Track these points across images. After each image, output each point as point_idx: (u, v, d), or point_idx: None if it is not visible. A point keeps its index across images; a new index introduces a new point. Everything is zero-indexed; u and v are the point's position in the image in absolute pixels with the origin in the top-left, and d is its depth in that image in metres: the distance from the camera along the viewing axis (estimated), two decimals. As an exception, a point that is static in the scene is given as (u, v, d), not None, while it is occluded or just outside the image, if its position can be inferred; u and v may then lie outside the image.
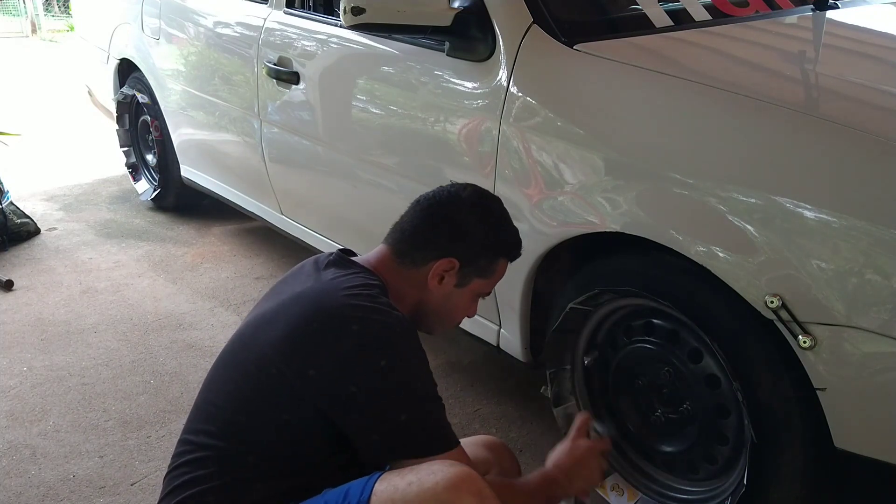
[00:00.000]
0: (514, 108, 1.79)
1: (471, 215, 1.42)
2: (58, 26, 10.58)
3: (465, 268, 1.41)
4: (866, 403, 1.34)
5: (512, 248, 1.48)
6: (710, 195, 1.46)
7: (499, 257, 1.45)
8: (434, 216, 1.42)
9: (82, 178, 4.40)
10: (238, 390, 1.29)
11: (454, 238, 1.40)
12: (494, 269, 1.45)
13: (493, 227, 1.44)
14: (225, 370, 1.35)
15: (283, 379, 1.24)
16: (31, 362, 2.55)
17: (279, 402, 1.25)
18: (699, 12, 1.95)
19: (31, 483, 2.00)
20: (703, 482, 1.70)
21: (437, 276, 1.40)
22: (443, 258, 1.39)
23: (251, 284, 3.07)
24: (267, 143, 2.69)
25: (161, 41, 3.28)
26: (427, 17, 1.84)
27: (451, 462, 1.19)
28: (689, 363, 1.62)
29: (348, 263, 1.38)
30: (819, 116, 1.49)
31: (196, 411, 1.36)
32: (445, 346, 2.58)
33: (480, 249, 1.42)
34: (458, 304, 1.46)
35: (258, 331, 1.32)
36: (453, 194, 1.44)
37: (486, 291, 1.49)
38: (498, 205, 1.48)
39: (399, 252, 1.41)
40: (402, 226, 1.44)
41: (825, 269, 1.33)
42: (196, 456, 1.29)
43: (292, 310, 1.29)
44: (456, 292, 1.43)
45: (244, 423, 1.27)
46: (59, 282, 3.13)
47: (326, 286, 1.31)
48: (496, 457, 1.53)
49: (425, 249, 1.40)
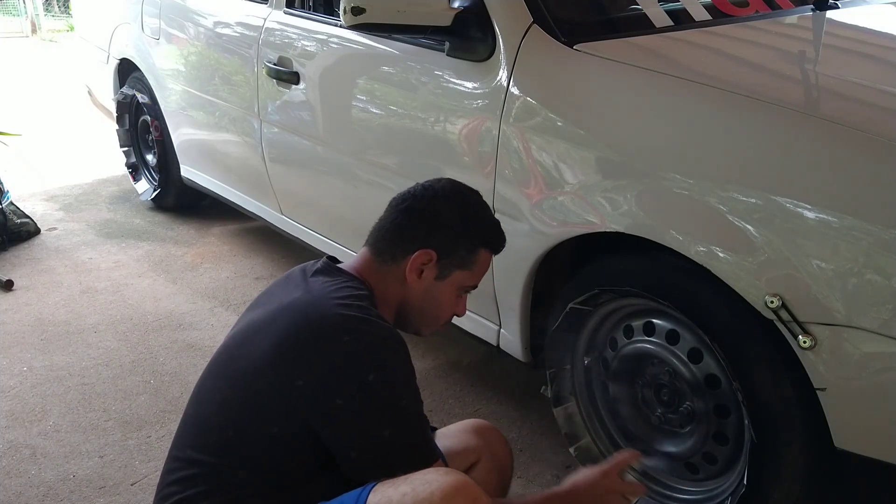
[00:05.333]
0: (514, 108, 1.79)
1: (445, 206, 1.40)
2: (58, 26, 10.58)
3: (443, 259, 1.38)
4: (866, 403, 1.34)
5: (491, 237, 1.45)
6: (710, 195, 1.46)
7: (478, 247, 1.42)
8: (409, 210, 1.40)
9: (82, 178, 4.41)
10: (226, 403, 1.28)
11: (430, 229, 1.38)
12: (475, 259, 1.42)
13: (470, 216, 1.42)
14: (213, 382, 1.33)
15: (271, 390, 1.23)
16: (31, 362, 2.55)
17: (268, 414, 1.23)
18: (699, 12, 1.95)
19: (31, 483, 2.00)
20: (703, 482, 1.70)
21: (416, 270, 1.38)
22: (419, 250, 1.37)
23: (251, 284, 3.07)
24: (267, 143, 2.69)
25: (161, 41, 3.28)
26: (427, 17, 1.84)
27: (446, 470, 1.18)
28: (689, 363, 1.62)
29: (336, 272, 1.37)
30: (819, 116, 1.49)
31: (184, 426, 1.34)
32: (445, 346, 2.58)
33: (457, 239, 1.40)
34: (442, 300, 1.43)
35: (246, 342, 1.30)
36: (427, 188, 1.43)
37: (470, 284, 1.45)
38: (475, 196, 1.46)
39: (379, 250, 1.40)
40: (380, 224, 1.43)
41: (825, 269, 1.33)
42: (186, 474, 1.26)
43: (281, 320, 1.27)
44: (437, 286, 1.41)
45: (233, 437, 1.25)
46: (59, 282, 3.13)
47: (316, 296, 1.29)
48: (486, 442, 1.51)
49: (403, 244, 1.38)
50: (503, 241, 1.47)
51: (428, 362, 2.51)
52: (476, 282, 1.46)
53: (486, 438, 1.52)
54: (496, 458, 1.51)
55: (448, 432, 1.53)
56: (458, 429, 1.54)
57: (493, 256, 1.47)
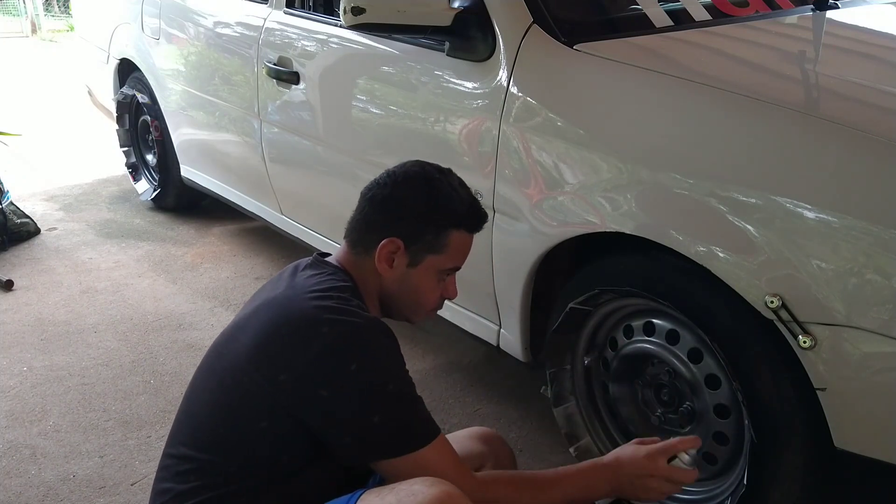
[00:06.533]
0: (514, 108, 1.79)
1: (408, 190, 1.36)
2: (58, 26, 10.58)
3: (411, 246, 1.34)
4: (866, 403, 1.34)
5: (462, 218, 1.37)
6: (710, 195, 1.46)
7: (446, 229, 1.35)
8: (373, 199, 1.38)
9: (82, 178, 4.40)
10: (215, 400, 1.28)
11: (394, 216, 1.35)
12: (445, 242, 1.35)
13: (434, 199, 1.35)
14: (203, 381, 1.34)
15: (256, 386, 1.23)
16: (31, 362, 2.54)
17: (255, 409, 1.23)
18: (699, 12, 1.95)
19: (31, 483, 2.00)
20: (702, 482, 1.70)
21: (386, 260, 1.35)
22: (385, 239, 1.34)
23: (251, 284, 3.07)
24: (267, 143, 2.69)
25: (161, 41, 3.28)
26: (427, 17, 1.84)
27: (433, 481, 1.16)
28: (689, 363, 1.62)
29: (322, 265, 1.37)
30: (819, 116, 1.49)
31: (177, 423, 1.35)
32: (445, 346, 2.59)
33: (423, 224, 1.34)
34: (421, 286, 1.38)
35: (232, 339, 1.31)
36: (391, 174, 1.39)
37: (449, 267, 1.39)
38: (444, 177, 1.38)
39: (353, 242, 1.38)
40: (353, 216, 1.41)
41: (825, 269, 1.33)
42: (179, 470, 1.27)
43: (262, 316, 1.28)
44: (412, 273, 1.36)
45: (223, 433, 1.25)
46: (59, 282, 3.13)
47: (296, 290, 1.29)
48: (491, 449, 1.51)
49: (371, 234, 1.36)
50: (479, 220, 1.40)
51: (428, 362, 2.51)
52: (455, 264, 1.40)
53: (490, 445, 1.52)
54: (500, 464, 1.51)
55: (452, 439, 1.53)
56: (462, 435, 1.54)
57: (471, 236, 1.40)
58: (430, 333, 2.63)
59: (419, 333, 2.61)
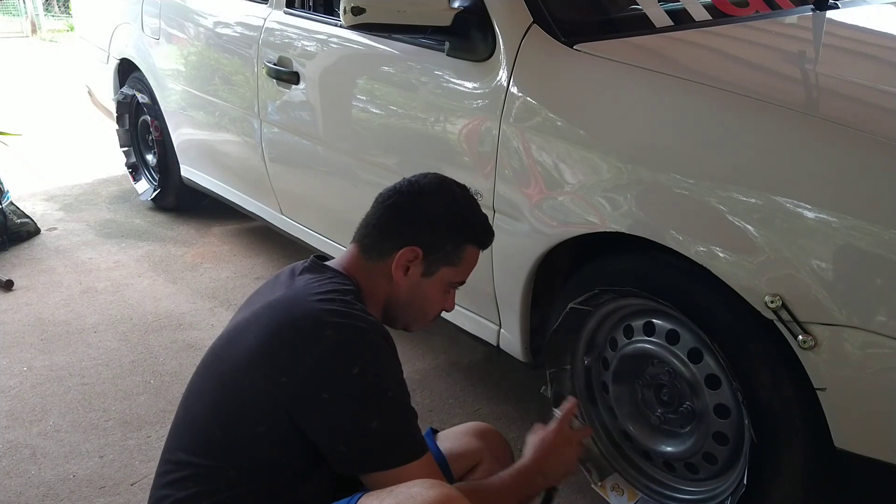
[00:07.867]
0: (514, 108, 1.79)
1: (432, 201, 1.39)
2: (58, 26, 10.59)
3: (429, 256, 1.37)
4: (866, 403, 1.34)
5: (478, 233, 1.43)
6: (710, 195, 1.46)
7: (465, 243, 1.40)
8: (395, 206, 1.39)
9: (82, 178, 4.41)
10: (214, 403, 1.28)
11: (416, 226, 1.37)
12: (461, 255, 1.40)
13: (456, 212, 1.40)
14: (202, 384, 1.33)
15: (256, 388, 1.22)
16: (31, 362, 2.55)
17: (254, 412, 1.23)
18: (699, 12, 1.95)
19: (31, 483, 2.00)
20: (703, 482, 1.70)
21: (402, 267, 1.36)
22: (405, 247, 1.36)
23: (251, 284, 3.07)
24: (267, 143, 2.69)
25: (161, 41, 3.28)
26: (427, 17, 1.84)
27: (431, 483, 1.17)
28: (689, 363, 1.62)
29: (322, 268, 1.36)
30: (819, 116, 1.49)
31: (175, 428, 1.35)
32: (445, 346, 2.59)
33: (443, 235, 1.38)
34: (430, 296, 1.41)
35: (231, 342, 1.30)
36: (413, 183, 1.41)
37: (458, 280, 1.43)
38: (463, 191, 1.43)
39: (365, 247, 1.39)
40: (367, 220, 1.41)
41: (825, 269, 1.33)
42: (177, 476, 1.27)
43: (264, 318, 1.27)
44: (424, 283, 1.39)
45: (222, 437, 1.25)
46: (59, 282, 3.13)
47: (299, 293, 1.29)
48: (488, 445, 1.51)
49: (389, 240, 1.37)
50: (490, 236, 1.46)
51: (428, 362, 2.51)
52: (463, 278, 1.44)
53: (487, 441, 1.52)
54: (498, 460, 1.51)
55: (450, 435, 1.53)
56: (460, 431, 1.54)
57: (479, 252, 1.45)
58: (430, 333, 2.63)
59: (419, 333, 2.61)
